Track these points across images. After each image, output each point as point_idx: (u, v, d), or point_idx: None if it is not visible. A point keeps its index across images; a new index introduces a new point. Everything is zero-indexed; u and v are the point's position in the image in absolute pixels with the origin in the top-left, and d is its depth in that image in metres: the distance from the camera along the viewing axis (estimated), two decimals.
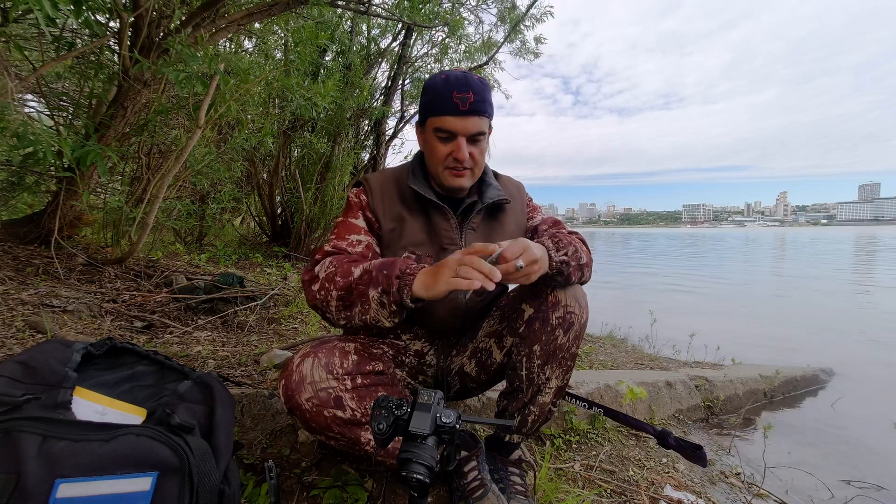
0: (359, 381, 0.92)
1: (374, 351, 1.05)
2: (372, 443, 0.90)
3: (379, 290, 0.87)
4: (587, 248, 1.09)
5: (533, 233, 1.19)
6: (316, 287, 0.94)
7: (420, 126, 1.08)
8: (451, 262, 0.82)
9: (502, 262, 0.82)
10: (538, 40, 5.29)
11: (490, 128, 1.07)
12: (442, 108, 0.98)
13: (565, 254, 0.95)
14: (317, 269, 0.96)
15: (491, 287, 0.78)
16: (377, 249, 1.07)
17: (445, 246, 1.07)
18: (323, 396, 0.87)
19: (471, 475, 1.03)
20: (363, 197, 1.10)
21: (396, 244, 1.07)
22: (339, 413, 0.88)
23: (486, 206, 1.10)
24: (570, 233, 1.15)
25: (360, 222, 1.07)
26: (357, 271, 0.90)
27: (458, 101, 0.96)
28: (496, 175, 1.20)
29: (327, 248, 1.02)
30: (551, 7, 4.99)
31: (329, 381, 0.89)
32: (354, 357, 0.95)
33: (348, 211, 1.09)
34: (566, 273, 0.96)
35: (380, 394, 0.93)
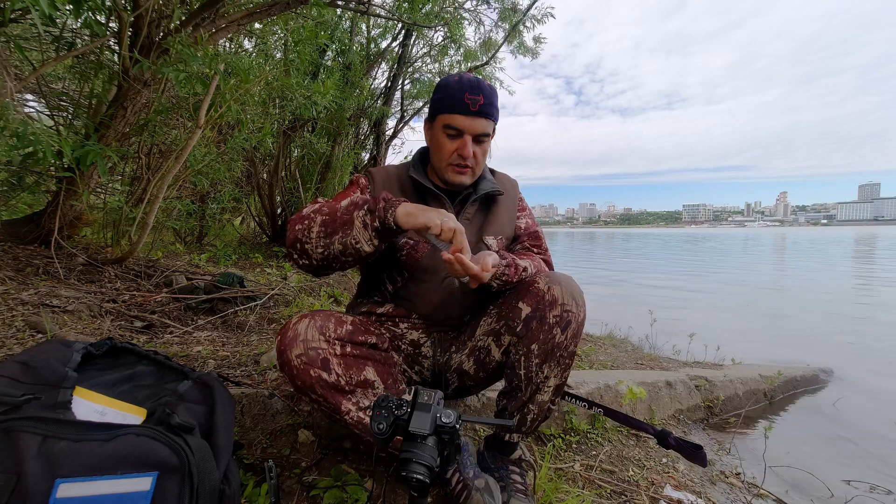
0: (349, 349, 0.95)
1: (372, 329, 1.07)
2: (352, 414, 0.93)
3: (365, 208, 0.92)
4: (546, 268, 1.21)
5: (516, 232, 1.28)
6: (300, 224, 0.97)
7: (429, 122, 1.14)
8: (442, 212, 0.90)
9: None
10: (538, 40, 5.28)
11: (494, 131, 1.13)
12: (453, 106, 1.05)
13: (506, 265, 1.06)
14: (304, 210, 1.01)
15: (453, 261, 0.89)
16: None
17: None
18: (312, 355, 0.90)
19: (454, 479, 1.05)
20: (363, 181, 1.16)
21: None
22: (325, 375, 0.90)
23: (480, 196, 1.17)
24: (542, 251, 1.26)
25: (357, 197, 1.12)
26: (344, 203, 0.97)
27: (469, 101, 1.04)
28: (492, 172, 1.27)
29: (319, 200, 1.07)
30: (552, 8, 4.98)
31: (320, 341, 0.91)
32: (349, 327, 0.98)
33: (348, 188, 1.16)
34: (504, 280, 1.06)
35: (369, 370, 0.96)
